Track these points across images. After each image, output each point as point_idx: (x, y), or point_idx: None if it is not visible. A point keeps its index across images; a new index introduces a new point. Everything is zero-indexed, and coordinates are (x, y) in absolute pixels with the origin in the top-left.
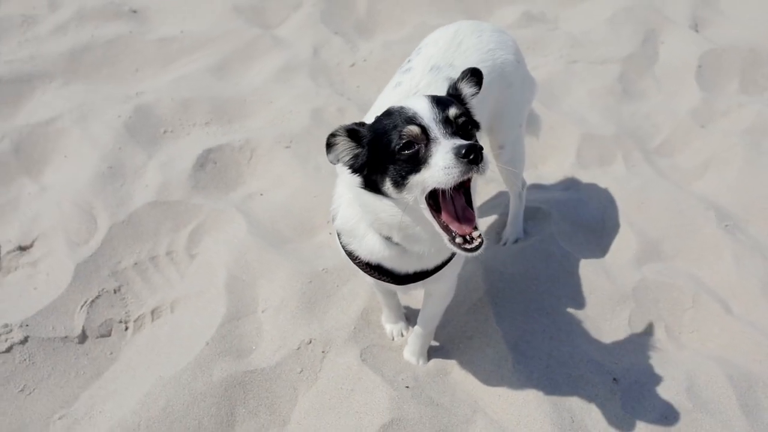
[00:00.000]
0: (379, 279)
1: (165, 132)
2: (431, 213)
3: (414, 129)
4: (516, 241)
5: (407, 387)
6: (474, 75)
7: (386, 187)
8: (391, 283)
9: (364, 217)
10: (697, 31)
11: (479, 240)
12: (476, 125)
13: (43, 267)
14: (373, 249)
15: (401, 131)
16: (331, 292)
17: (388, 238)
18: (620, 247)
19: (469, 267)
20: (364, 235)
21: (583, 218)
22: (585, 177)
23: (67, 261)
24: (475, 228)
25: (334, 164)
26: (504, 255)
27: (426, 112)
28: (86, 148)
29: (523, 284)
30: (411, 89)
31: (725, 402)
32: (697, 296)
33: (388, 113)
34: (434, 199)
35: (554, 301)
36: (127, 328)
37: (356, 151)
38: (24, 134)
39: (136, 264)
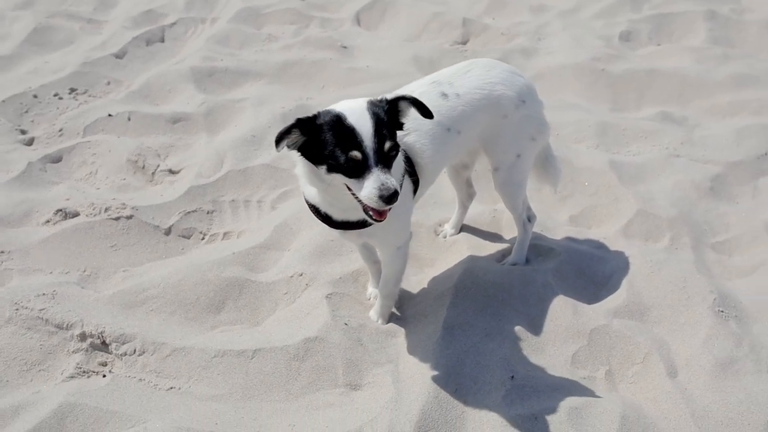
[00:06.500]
0: (319, 219)
1: None
2: (351, 193)
3: (357, 155)
4: (514, 264)
5: (346, 324)
6: (415, 105)
7: (320, 168)
8: (329, 225)
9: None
10: None
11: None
12: (398, 149)
13: (175, 185)
14: (311, 194)
15: (348, 153)
16: (342, 252)
17: None
18: (607, 299)
19: (451, 267)
20: (306, 183)
21: (590, 270)
22: (621, 245)
23: (188, 183)
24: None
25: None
26: (491, 267)
27: (368, 140)
28: (249, 122)
29: (491, 291)
30: (409, 92)
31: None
32: (649, 355)
33: (335, 120)
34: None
35: (511, 313)
36: (202, 238)
37: (298, 139)
38: (218, 105)
39: (232, 201)
